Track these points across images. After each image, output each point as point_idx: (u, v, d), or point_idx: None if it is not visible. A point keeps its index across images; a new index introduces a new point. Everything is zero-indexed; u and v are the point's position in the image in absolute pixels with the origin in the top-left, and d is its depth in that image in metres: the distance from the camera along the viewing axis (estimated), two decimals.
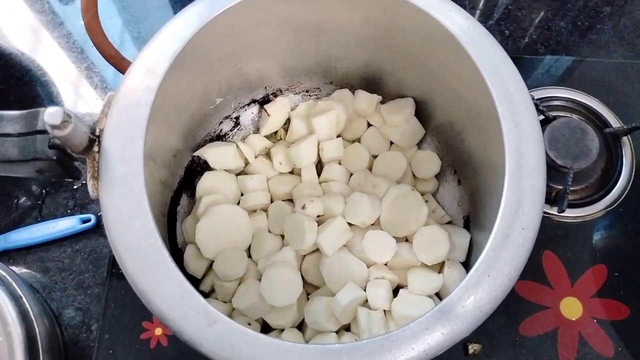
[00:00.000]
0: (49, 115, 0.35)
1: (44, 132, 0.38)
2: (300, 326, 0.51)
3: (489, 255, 0.37)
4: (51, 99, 0.76)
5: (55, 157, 0.38)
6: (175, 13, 0.44)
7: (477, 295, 0.36)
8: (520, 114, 0.40)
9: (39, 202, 0.70)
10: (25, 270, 0.67)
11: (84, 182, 0.71)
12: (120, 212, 0.37)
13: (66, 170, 0.40)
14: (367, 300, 0.50)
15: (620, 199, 0.65)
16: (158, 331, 0.59)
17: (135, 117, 0.39)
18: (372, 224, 0.54)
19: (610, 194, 0.65)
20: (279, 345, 0.34)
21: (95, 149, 0.39)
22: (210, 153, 0.55)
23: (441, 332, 0.35)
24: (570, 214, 0.64)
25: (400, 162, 0.57)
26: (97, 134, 0.39)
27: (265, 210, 0.56)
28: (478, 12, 0.82)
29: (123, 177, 0.38)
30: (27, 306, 0.58)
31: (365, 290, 0.50)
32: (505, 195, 0.38)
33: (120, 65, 0.60)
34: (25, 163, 0.39)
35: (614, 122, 0.68)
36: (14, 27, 0.82)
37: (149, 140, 0.40)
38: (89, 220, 0.67)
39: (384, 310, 0.50)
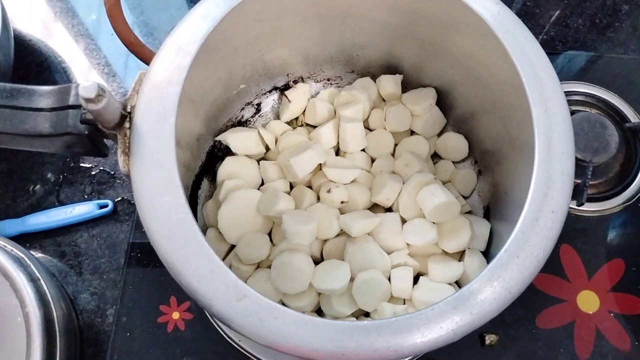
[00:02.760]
0: (84, 88, 0.35)
1: (76, 107, 0.39)
2: (321, 310, 0.51)
3: (518, 237, 0.37)
4: None
5: (86, 132, 0.39)
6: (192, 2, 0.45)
7: (506, 276, 0.36)
8: (550, 99, 0.40)
9: (57, 188, 0.71)
10: (41, 254, 0.67)
11: (102, 168, 0.72)
12: (151, 187, 0.37)
13: (96, 146, 0.41)
14: (387, 286, 0.50)
15: (639, 194, 0.65)
16: (175, 315, 0.60)
17: (166, 94, 0.39)
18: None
19: (629, 189, 0.65)
20: (307, 320, 0.34)
21: (127, 125, 0.39)
22: (232, 138, 0.55)
23: (469, 311, 0.35)
24: (589, 207, 0.64)
25: (423, 147, 0.57)
26: (129, 110, 0.40)
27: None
28: None
29: (154, 153, 0.38)
30: (45, 288, 0.58)
31: (388, 279, 0.50)
32: (534, 179, 0.38)
33: (140, 52, 0.61)
34: (57, 138, 0.39)
35: (633, 118, 0.68)
36: (33, 14, 0.82)
37: (176, 122, 0.40)
38: (106, 205, 0.68)
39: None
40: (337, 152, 0.59)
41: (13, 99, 0.39)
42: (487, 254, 0.53)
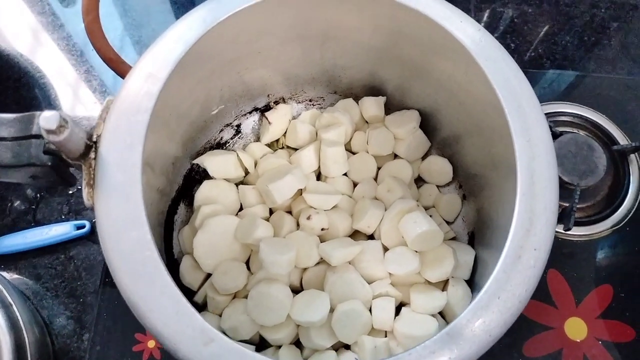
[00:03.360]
0: (45, 119, 0.33)
1: (39, 136, 0.37)
2: (300, 342, 0.50)
3: (499, 276, 0.35)
4: (49, 102, 0.75)
5: (50, 163, 0.37)
6: (177, 18, 0.43)
7: (487, 318, 0.34)
8: (532, 130, 0.38)
9: (33, 207, 0.69)
10: (16, 276, 0.65)
11: (79, 187, 0.70)
12: (115, 222, 0.35)
13: (61, 176, 0.39)
14: (368, 318, 0.48)
15: (627, 218, 0.64)
16: (151, 344, 0.58)
17: (134, 123, 0.38)
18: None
19: (617, 212, 0.64)
20: None
21: (92, 155, 0.37)
22: (210, 161, 0.54)
23: (448, 356, 0.33)
24: (577, 232, 0.63)
25: (407, 171, 0.56)
26: (94, 139, 0.38)
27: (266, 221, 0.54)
28: (483, 24, 0.81)
29: (120, 186, 0.36)
30: (17, 314, 0.56)
31: (369, 310, 0.49)
32: (516, 214, 0.37)
33: (120, 69, 0.59)
34: (19, 168, 0.37)
35: (622, 140, 0.67)
36: (13, 28, 0.81)
37: (147, 147, 0.38)
38: (83, 226, 0.66)
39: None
40: (319, 176, 0.57)
41: None
42: (472, 283, 0.51)
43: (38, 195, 0.69)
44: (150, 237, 0.35)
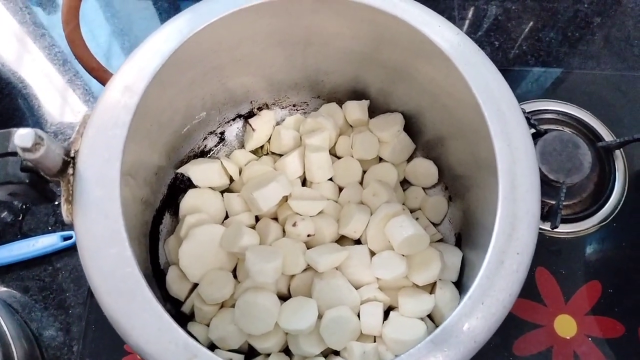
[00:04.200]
0: (20, 137, 0.33)
1: (16, 154, 0.36)
2: (289, 349, 0.50)
3: (482, 282, 0.35)
4: (32, 112, 0.74)
5: (27, 181, 0.36)
6: (162, 23, 0.43)
7: (471, 324, 0.34)
8: (512, 133, 0.38)
9: (19, 219, 0.68)
10: (4, 289, 0.65)
11: None
12: (95, 239, 0.35)
13: (40, 193, 0.38)
14: (356, 324, 0.48)
15: (614, 214, 0.64)
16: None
17: (111, 137, 0.37)
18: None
19: (604, 208, 0.64)
20: None
21: (70, 171, 0.37)
22: (194, 170, 0.53)
23: None
24: (564, 229, 0.63)
25: (392, 174, 0.56)
26: (72, 155, 0.38)
27: (252, 228, 0.54)
28: (467, 22, 0.81)
29: (98, 201, 0.36)
30: (5, 328, 0.56)
31: (357, 316, 0.49)
32: (498, 219, 0.37)
33: (103, 78, 0.58)
34: None
35: (607, 136, 0.67)
36: None
37: (129, 159, 0.38)
38: (70, 237, 0.65)
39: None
40: (304, 182, 0.57)
41: None
42: (460, 284, 0.51)
43: (24, 206, 0.69)
44: (131, 253, 0.35)
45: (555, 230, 0.62)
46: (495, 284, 0.35)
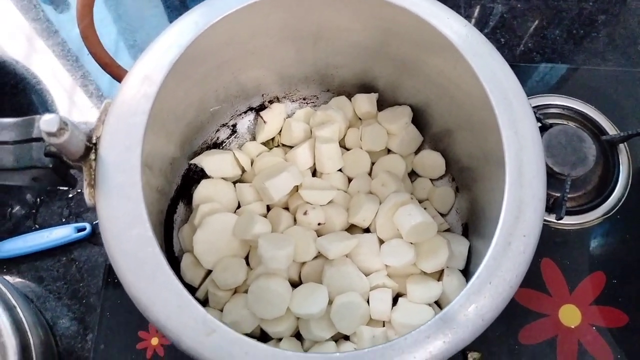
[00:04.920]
0: (45, 122, 0.34)
1: (40, 139, 0.38)
2: (300, 334, 0.51)
3: (490, 263, 0.36)
4: (46, 107, 0.76)
5: (51, 165, 0.38)
6: (170, 22, 0.44)
7: (479, 303, 0.36)
8: (519, 122, 0.40)
9: (34, 211, 0.70)
10: (19, 279, 0.66)
11: (79, 190, 0.71)
12: (117, 221, 0.36)
13: (62, 178, 0.40)
14: (366, 309, 0.49)
15: (618, 206, 0.65)
16: (154, 341, 0.59)
17: (132, 125, 0.39)
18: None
19: (608, 201, 0.65)
20: (278, 354, 0.34)
21: (92, 156, 0.39)
22: (207, 161, 0.55)
23: (443, 340, 0.35)
24: (568, 221, 0.64)
25: (400, 166, 0.57)
26: (94, 141, 0.39)
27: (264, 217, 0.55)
28: (473, 20, 0.82)
29: (120, 186, 0.37)
30: (21, 316, 0.57)
31: (367, 302, 0.50)
32: (505, 203, 0.38)
33: (116, 73, 0.60)
34: (21, 171, 0.38)
35: (611, 130, 0.68)
36: (8, 35, 0.81)
37: (146, 149, 0.39)
38: (84, 229, 0.67)
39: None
40: (314, 173, 0.58)
41: None
42: (467, 272, 0.52)
43: (38, 199, 0.70)
44: (152, 234, 0.36)
45: (560, 222, 0.64)
46: (502, 264, 0.36)
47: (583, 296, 0.62)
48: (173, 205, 0.56)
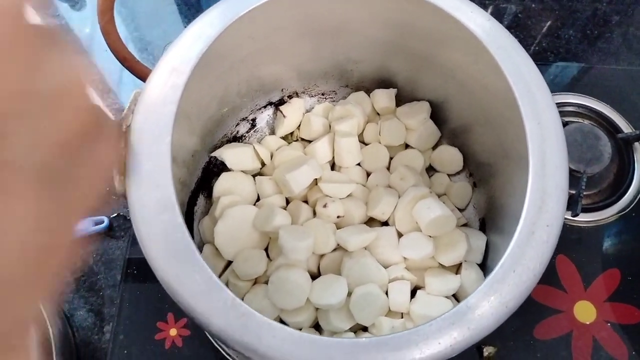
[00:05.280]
0: None
1: None
2: (319, 325, 0.51)
3: (514, 251, 0.37)
4: None
5: None
6: (184, 20, 0.45)
7: (503, 291, 0.36)
8: (542, 113, 0.40)
9: None
10: None
11: None
12: (147, 207, 0.37)
13: None
14: (385, 300, 0.50)
15: (633, 204, 0.65)
16: (173, 332, 0.60)
17: (162, 114, 0.39)
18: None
19: (623, 199, 0.65)
20: (305, 338, 0.34)
21: (122, 144, 0.39)
22: (228, 154, 0.56)
23: (467, 326, 0.35)
24: (584, 218, 0.64)
25: (418, 160, 0.58)
26: (124, 130, 0.40)
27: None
28: None
29: (150, 173, 0.38)
30: (40, 307, 0.58)
31: (385, 294, 0.50)
32: (529, 193, 0.38)
33: (135, 68, 0.61)
34: None
35: (626, 128, 0.69)
36: None
37: (172, 140, 0.40)
38: (101, 222, 0.68)
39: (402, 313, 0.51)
40: (333, 167, 0.59)
41: None
42: (484, 267, 0.53)
43: None
44: (181, 220, 0.37)
45: (575, 219, 0.64)
46: (526, 253, 0.37)
47: (598, 293, 0.62)
48: (194, 198, 0.56)
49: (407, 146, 0.60)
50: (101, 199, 0.22)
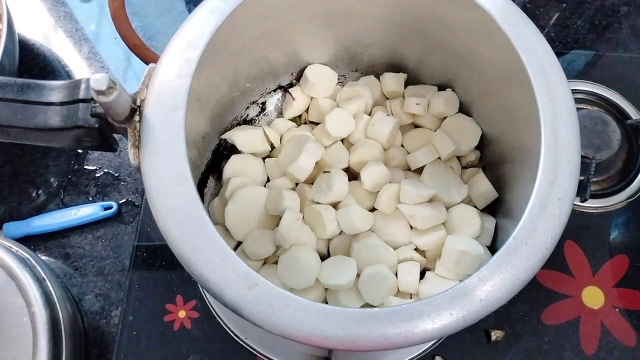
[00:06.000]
0: (95, 81, 0.35)
1: (86, 100, 0.39)
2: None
3: (526, 224, 0.37)
4: None
5: (97, 126, 0.39)
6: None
7: (515, 263, 0.36)
8: (554, 89, 0.40)
9: (61, 190, 0.71)
10: (46, 256, 0.68)
11: (106, 170, 0.72)
12: (161, 179, 0.37)
13: (106, 140, 0.41)
14: (394, 281, 0.50)
15: None
16: (182, 314, 0.60)
17: (176, 87, 0.40)
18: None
19: (632, 185, 0.65)
20: (318, 308, 0.35)
21: (137, 118, 0.40)
22: (238, 136, 0.56)
23: (479, 297, 0.35)
24: (592, 204, 0.65)
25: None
26: (139, 104, 0.40)
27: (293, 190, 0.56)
28: None
29: (165, 145, 0.38)
30: (51, 289, 0.58)
31: (394, 275, 0.50)
32: (541, 167, 0.38)
33: (144, 55, 0.61)
34: (67, 132, 0.39)
35: (634, 115, 0.69)
36: (36, 19, 0.83)
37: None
38: (110, 207, 0.68)
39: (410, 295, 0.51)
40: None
41: (24, 93, 0.39)
42: (493, 249, 0.53)
43: (65, 179, 0.71)
44: (195, 192, 0.37)
45: (584, 205, 0.64)
46: (538, 227, 0.37)
47: (606, 278, 0.62)
48: (204, 180, 0.57)
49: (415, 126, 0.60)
50: None
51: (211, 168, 0.58)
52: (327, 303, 0.50)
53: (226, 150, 0.59)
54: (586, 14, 0.83)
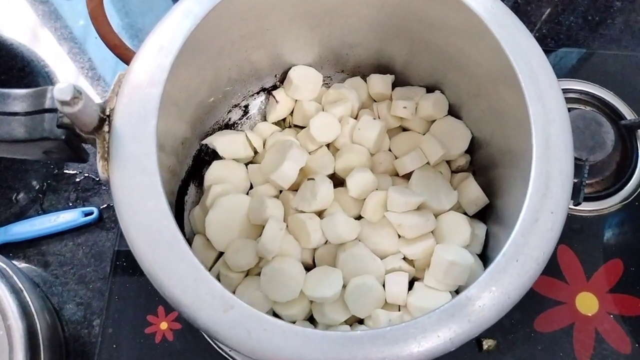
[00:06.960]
0: (59, 90, 0.33)
1: (52, 110, 0.37)
2: (314, 319, 0.50)
3: (516, 240, 0.35)
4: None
5: (63, 137, 0.37)
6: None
7: (505, 281, 0.34)
8: (546, 95, 0.39)
9: (40, 195, 0.69)
10: (25, 264, 0.65)
11: (86, 174, 0.70)
12: (131, 193, 0.35)
13: (74, 151, 0.39)
14: (381, 292, 0.48)
15: (636, 193, 0.64)
16: (163, 325, 0.58)
17: (147, 95, 0.38)
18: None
19: (626, 187, 0.64)
20: (297, 331, 0.33)
21: (106, 128, 0.37)
22: (220, 141, 0.54)
23: (467, 319, 0.33)
24: (586, 207, 0.63)
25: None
26: (108, 113, 0.38)
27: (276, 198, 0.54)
28: None
29: (135, 157, 0.36)
30: (28, 300, 0.56)
31: (382, 286, 0.49)
32: (532, 179, 0.37)
33: (125, 55, 0.59)
34: (33, 143, 0.37)
35: (629, 115, 0.67)
36: (15, 18, 0.81)
37: (159, 125, 0.38)
38: (91, 213, 0.66)
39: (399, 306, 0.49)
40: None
41: None
42: (484, 257, 0.51)
43: (45, 184, 0.69)
44: (167, 207, 0.35)
45: (577, 208, 0.62)
46: (530, 241, 0.35)
47: (600, 284, 0.61)
48: (184, 187, 0.55)
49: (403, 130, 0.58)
50: None
51: (192, 175, 0.56)
52: (312, 316, 0.49)
53: (207, 156, 0.57)
54: (579, 9, 0.82)
